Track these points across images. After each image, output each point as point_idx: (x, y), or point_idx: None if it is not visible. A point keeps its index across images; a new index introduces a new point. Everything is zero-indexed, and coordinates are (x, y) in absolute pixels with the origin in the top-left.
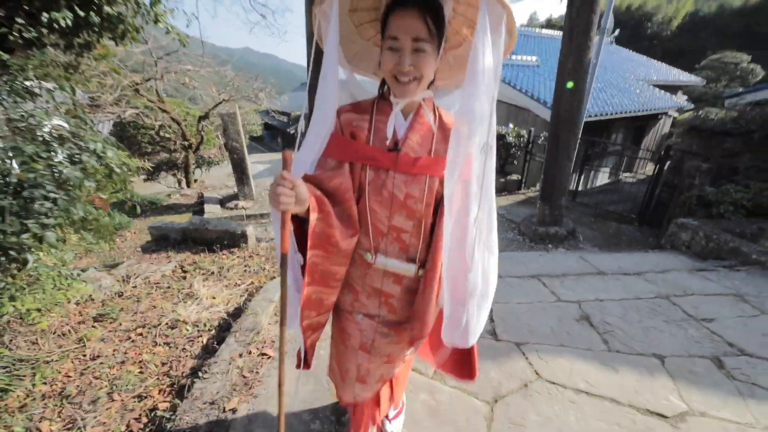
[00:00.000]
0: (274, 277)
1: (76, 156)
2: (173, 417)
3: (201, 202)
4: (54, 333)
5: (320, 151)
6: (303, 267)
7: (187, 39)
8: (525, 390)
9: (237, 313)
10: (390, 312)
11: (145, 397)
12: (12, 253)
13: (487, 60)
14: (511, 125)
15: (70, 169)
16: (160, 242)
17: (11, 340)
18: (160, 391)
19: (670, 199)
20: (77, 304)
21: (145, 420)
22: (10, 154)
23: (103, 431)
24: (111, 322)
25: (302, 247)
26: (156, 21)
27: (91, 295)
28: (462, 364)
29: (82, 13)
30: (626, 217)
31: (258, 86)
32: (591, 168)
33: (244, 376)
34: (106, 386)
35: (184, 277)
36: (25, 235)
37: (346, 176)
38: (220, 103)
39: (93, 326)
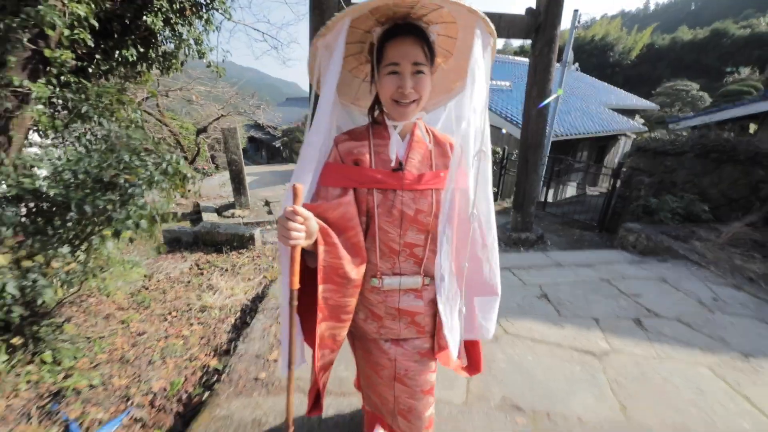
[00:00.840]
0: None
1: (160, 164)
2: (226, 368)
3: (197, 211)
4: (98, 316)
5: (313, 178)
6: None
7: (224, 71)
8: (496, 340)
9: (257, 300)
10: (419, 332)
11: (195, 359)
12: (96, 238)
13: (479, 81)
14: None
15: (157, 174)
16: (173, 244)
17: (66, 321)
18: (205, 354)
19: (623, 209)
20: (107, 295)
21: (199, 374)
22: (118, 162)
23: (165, 383)
24: (145, 309)
25: (306, 286)
26: (201, 56)
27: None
28: (469, 359)
29: (142, 50)
30: (588, 224)
31: (254, 102)
32: (560, 182)
33: (279, 339)
34: (158, 353)
35: (201, 273)
36: (127, 222)
37: (351, 204)
38: (219, 117)
39: (131, 311)
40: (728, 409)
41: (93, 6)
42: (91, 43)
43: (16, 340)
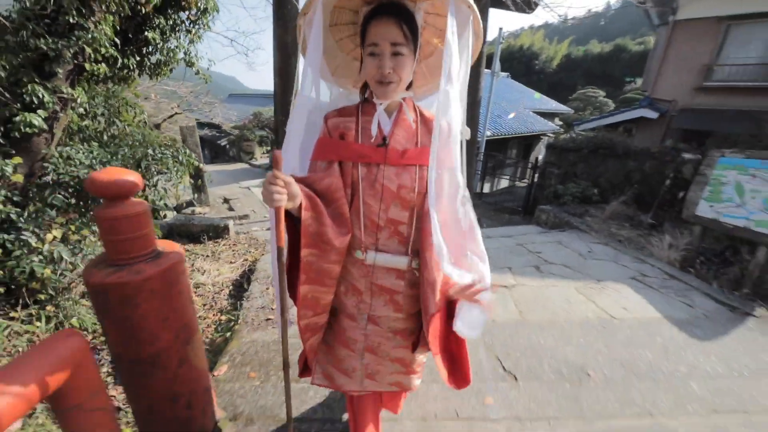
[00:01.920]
0: (268, 253)
1: (177, 156)
2: (238, 318)
3: (154, 209)
4: None
5: (300, 156)
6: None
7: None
8: (509, 292)
9: (248, 274)
10: (396, 310)
11: (205, 318)
12: None
13: (455, 60)
14: None
15: (173, 163)
16: None
17: (81, 296)
18: (213, 315)
19: (540, 195)
20: None
21: (213, 327)
22: (145, 154)
23: None
24: None
25: (295, 247)
26: (190, 65)
27: None
28: (458, 370)
29: (139, 59)
30: (516, 210)
31: (207, 100)
32: (494, 176)
33: (273, 297)
34: None
35: (195, 257)
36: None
37: (336, 176)
38: (173, 115)
39: None
40: (582, 309)
41: (113, 27)
42: (118, 57)
43: (51, 309)
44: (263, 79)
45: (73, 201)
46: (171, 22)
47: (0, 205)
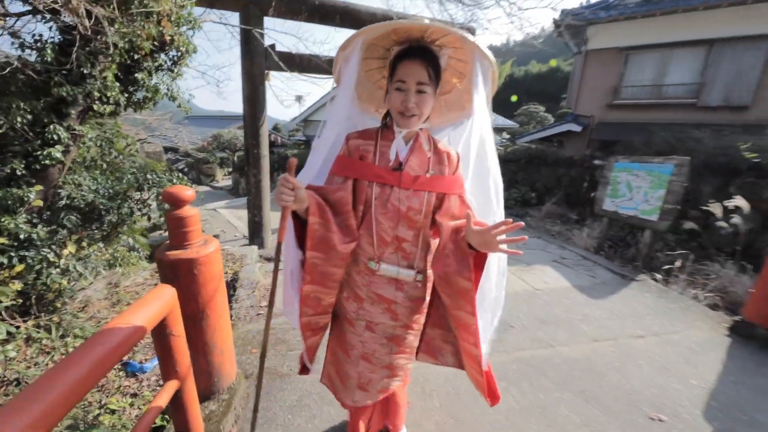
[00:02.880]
0: (247, 265)
1: (171, 180)
2: (232, 315)
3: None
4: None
5: (319, 169)
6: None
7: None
8: None
9: (230, 285)
10: (392, 319)
11: None
12: (124, 234)
13: (481, 98)
14: None
15: (165, 181)
16: None
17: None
18: None
19: None
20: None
21: None
22: (147, 179)
23: None
24: (134, 299)
25: (303, 247)
26: (173, 100)
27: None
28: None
29: (127, 96)
30: None
31: (169, 126)
32: None
33: (259, 298)
34: None
35: None
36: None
37: (349, 191)
38: (140, 141)
39: (123, 305)
40: (514, 285)
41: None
42: (122, 99)
43: (56, 319)
44: (218, 101)
45: (83, 222)
46: (156, 64)
47: (24, 226)
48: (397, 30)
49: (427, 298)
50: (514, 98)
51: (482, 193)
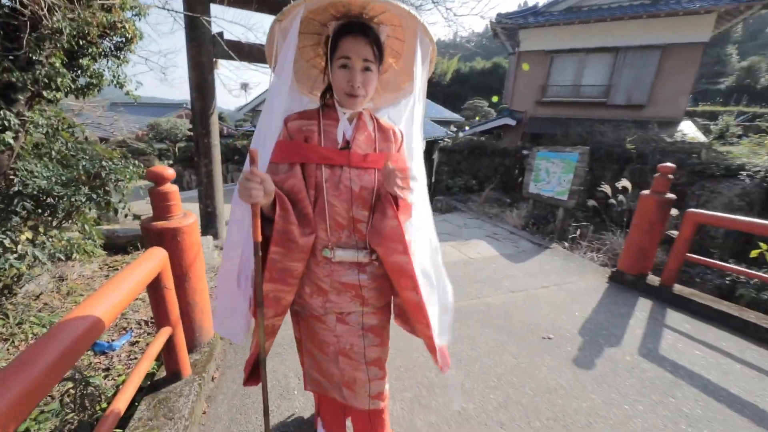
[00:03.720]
0: (205, 251)
1: (128, 167)
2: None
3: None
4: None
5: (267, 153)
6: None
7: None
8: None
9: None
10: (363, 304)
11: None
12: (78, 221)
13: (420, 79)
14: None
15: (129, 172)
16: None
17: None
18: None
19: (437, 189)
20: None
21: None
22: (104, 166)
23: (145, 317)
24: (86, 293)
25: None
26: (120, 87)
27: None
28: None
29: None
30: None
31: (102, 113)
32: None
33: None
34: (129, 307)
35: (115, 269)
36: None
37: (299, 178)
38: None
39: (77, 296)
40: (453, 255)
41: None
42: (71, 84)
43: (11, 306)
44: (153, 88)
45: (36, 209)
46: (100, 50)
47: None
48: (336, 3)
49: None
50: (494, 98)
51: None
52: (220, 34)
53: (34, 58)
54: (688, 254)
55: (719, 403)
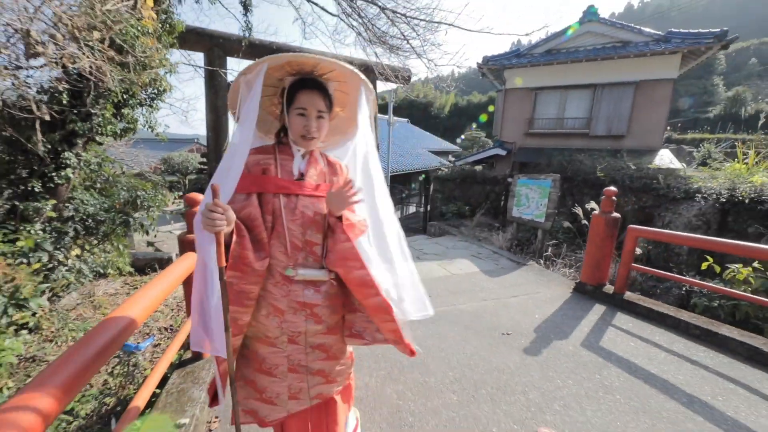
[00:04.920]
0: None
1: (157, 196)
2: None
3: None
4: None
5: (230, 189)
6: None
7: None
8: None
9: None
10: (317, 322)
11: (176, 316)
12: (116, 241)
13: (362, 123)
14: None
15: (160, 200)
16: None
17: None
18: (181, 314)
19: (431, 215)
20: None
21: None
22: (138, 195)
23: (169, 323)
24: (112, 307)
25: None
26: (152, 129)
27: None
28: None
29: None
30: (418, 228)
31: (124, 149)
32: (402, 203)
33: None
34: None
35: (136, 287)
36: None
37: (255, 206)
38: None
39: (107, 308)
40: (437, 272)
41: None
42: (118, 131)
43: (55, 313)
44: (161, 125)
45: (83, 231)
46: (138, 100)
47: (41, 233)
48: (292, 62)
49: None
50: (483, 117)
51: (368, 197)
52: None
53: (92, 111)
54: (633, 264)
55: (636, 378)
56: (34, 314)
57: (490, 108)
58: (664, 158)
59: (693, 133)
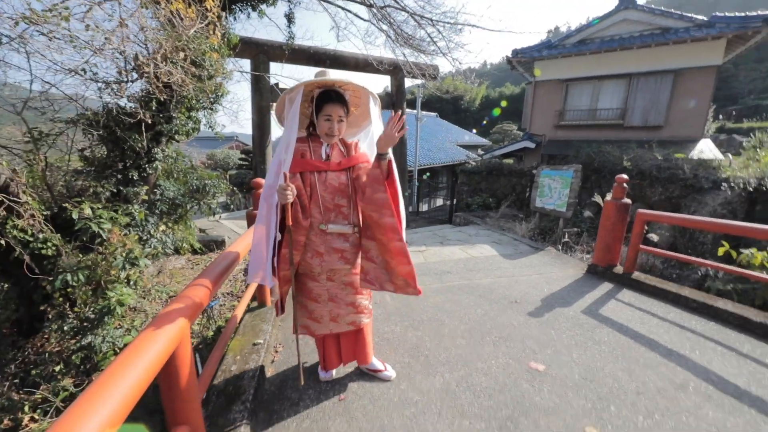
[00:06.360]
0: None
1: (220, 185)
2: None
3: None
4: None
5: (277, 171)
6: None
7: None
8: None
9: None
10: (346, 263)
11: (235, 285)
12: (187, 219)
13: (376, 119)
14: None
15: (223, 188)
16: None
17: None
18: (239, 284)
19: (457, 207)
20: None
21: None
22: (206, 184)
23: (229, 289)
24: (182, 278)
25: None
26: (212, 128)
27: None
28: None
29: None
30: (443, 219)
31: (181, 146)
32: (430, 197)
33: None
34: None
35: (198, 264)
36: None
37: (299, 181)
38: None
39: (180, 276)
40: (459, 255)
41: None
42: (191, 130)
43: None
44: (219, 125)
45: (166, 212)
46: (202, 104)
47: (139, 213)
48: (320, 82)
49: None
50: (496, 111)
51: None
52: (276, 85)
53: (173, 115)
54: (641, 246)
55: (625, 336)
56: (141, 272)
57: (503, 103)
58: (704, 149)
59: (750, 122)
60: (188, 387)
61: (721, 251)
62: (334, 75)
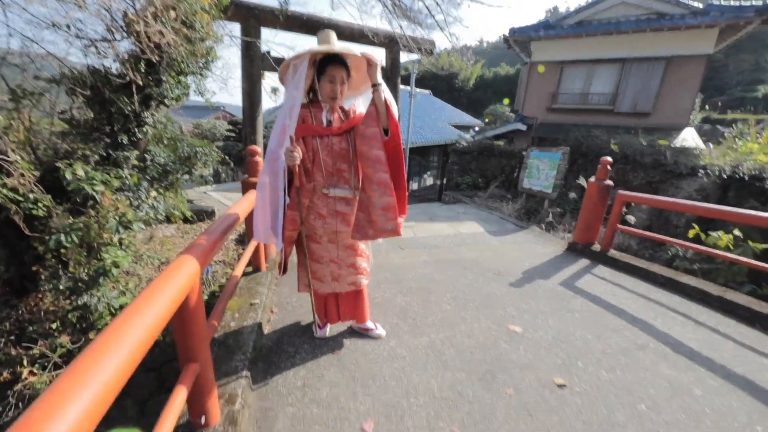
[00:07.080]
0: None
1: (213, 152)
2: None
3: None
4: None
5: (280, 136)
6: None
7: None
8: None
9: (240, 240)
10: (347, 225)
11: (228, 254)
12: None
13: (379, 77)
14: None
15: (214, 156)
16: None
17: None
18: (231, 252)
19: (447, 186)
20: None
21: (234, 256)
22: (197, 150)
23: (223, 258)
24: (172, 246)
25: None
26: (202, 95)
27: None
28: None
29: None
30: (433, 198)
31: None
32: (420, 175)
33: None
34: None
35: (187, 233)
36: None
37: (302, 146)
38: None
39: (171, 244)
40: (447, 230)
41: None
42: (180, 95)
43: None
44: (209, 91)
45: (157, 178)
46: (192, 69)
47: (132, 177)
48: (323, 51)
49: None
50: (506, 101)
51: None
52: (268, 53)
53: (162, 78)
54: (618, 225)
55: (597, 305)
56: (134, 236)
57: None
58: (687, 137)
59: (734, 113)
60: (200, 326)
61: (691, 233)
62: (335, 39)
